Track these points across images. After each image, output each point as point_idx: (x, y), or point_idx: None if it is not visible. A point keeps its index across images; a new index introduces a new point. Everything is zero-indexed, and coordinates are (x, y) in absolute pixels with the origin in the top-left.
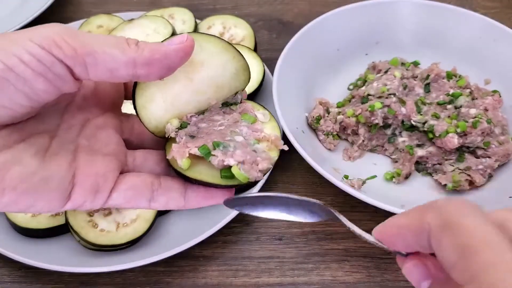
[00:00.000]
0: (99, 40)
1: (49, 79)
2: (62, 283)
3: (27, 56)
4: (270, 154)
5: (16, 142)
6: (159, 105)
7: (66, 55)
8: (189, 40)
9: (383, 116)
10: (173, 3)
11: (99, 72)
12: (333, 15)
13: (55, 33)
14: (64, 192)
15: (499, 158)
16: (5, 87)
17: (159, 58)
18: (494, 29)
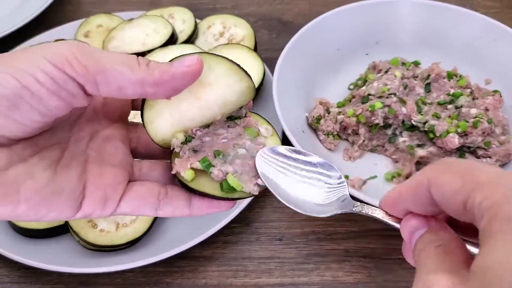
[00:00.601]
0: (111, 58)
1: (62, 96)
2: (62, 284)
3: (41, 75)
4: None
5: (30, 155)
6: (166, 120)
7: (78, 74)
8: (198, 62)
9: (384, 116)
10: (173, 2)
11: (109, 89)
12: (333, 15)
13: (68, 51)
14: (75, 203)
15: (500, 158)
16: (20, 104)
17: (167, 79)
18: (494, 29)
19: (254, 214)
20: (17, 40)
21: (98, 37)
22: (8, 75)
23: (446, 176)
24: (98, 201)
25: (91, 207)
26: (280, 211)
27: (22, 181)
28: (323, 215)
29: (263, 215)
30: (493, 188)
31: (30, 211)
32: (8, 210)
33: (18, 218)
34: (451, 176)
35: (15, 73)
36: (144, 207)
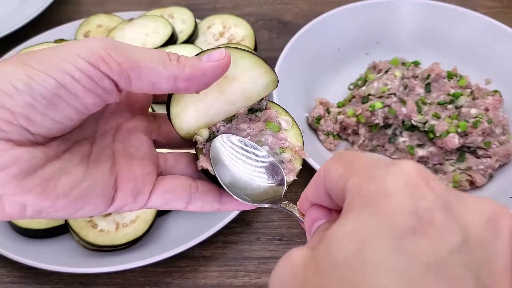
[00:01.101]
0: (143, 55)
1: (98, 93)
2: (62, 284)
3: (77, 73)
4: (294, 165)
5: (63, 152)
6: (191, 115)
7: (112, 71)
8: (226, 57)
9: (384, 116)
10: (173, 2)
11: (142, 85)
12: (333, 15)
13: (101, 47)
14: (108, 196)
15: (500, 158)
16: (57, 103)
17: (199, 74)
18: (494, 29)
19: (254, 214)
20: (17, 40)
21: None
22: (44, 74)
23: (333, 165)
24: (130, 194)
25: (123, 199)
26: (280, 211)
27: (58, 177)
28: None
29: (263, 215)
30: (362, 171)
31: (68, 206)
32: (47, 205)
33: (55, 214)
34: (336, 165)
35: (51, 71)
36: (175, 201)
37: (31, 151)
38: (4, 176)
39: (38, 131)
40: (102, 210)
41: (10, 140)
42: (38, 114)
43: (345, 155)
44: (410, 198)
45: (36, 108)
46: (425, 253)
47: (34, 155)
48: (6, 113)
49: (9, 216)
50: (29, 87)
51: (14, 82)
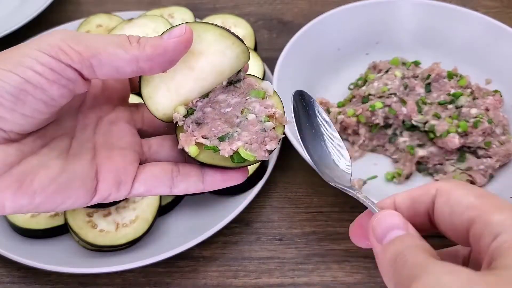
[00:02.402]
0: (102, 41)
1: (63, 84)
2: (61, 284)
3: (39, 66)
4: (277, 133)
5: (39, 147)
6: (164, 94)
7: (73, 60)
8: (187, 31)
9: (384, 116)
10: (173, 2)
11: (105, 71)
12: (333, 15)
13: (60, 40)
14: (90, 188)
15: (500, 158)
16: (24, 98)
17: (161, 53)
18: (495, 29)
19: (254, 214)
20: (17, 40)
21: None
22: (7, 72)
23: (460, 191)
24: (112, 184)
25: (106, 190)
26: (280, 211)
27: (35, 172)
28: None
29: (263, 215)
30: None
31: (47, 200)
32: (25, 202)
33: (36, 209)
34: (465, 191)
35: (14, 68)
36: (158, 186)
37: (5, 149)
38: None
39: (10, 127)
40: (85, 201)
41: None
42: (7, 110)
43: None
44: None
45: (3, 104)
46: None
47: (8, 152)
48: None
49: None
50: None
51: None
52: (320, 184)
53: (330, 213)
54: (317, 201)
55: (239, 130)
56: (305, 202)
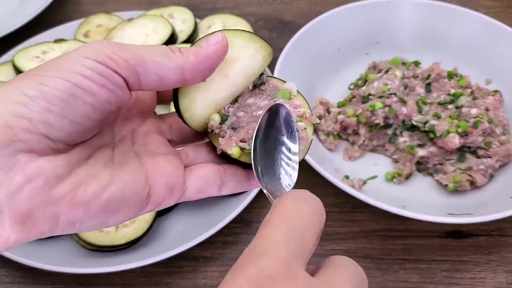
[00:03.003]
0: (147, 50)
1: (110, 89)
2: (61, 284)
3: (88, 71)
4: (307, 133)
5: (86, 158)
6: (199, 105)
7: (120, 67)
8: (224, 38)
9: (384, 116)
10: (173, 2)
11: (150, 81)
12: (333, 15)
13: (106, 48)
14: (142, 196)
15: (500, 158)
16: (75, 103)
17: (203, 60)
18: (495, 29)
19: (254, 214)
20: (17, 40)
21: (97, 37)
22: (55, 78)
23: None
24: (164, 189)
25: (160, 196)
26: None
27: (87, 183)
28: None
29: (263, 215)
30: None
31: (101, 210)
32: (80, 213)
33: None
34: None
35: (62, 75)
36: (210, 186)
37: (54, 160)
38: (30, 190)
39: (59, 136)
40: (138, 211)
41: (31, 150)
42: (56, 117)
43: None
44: None
45: (53, 111)
46: None
47: (58, 164)
48: (23, 121)
49: (40, 233)
50: (42, 92)
51: (27, 91)
52: (320, 184)
53: (330, 213)
54: None
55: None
56: None
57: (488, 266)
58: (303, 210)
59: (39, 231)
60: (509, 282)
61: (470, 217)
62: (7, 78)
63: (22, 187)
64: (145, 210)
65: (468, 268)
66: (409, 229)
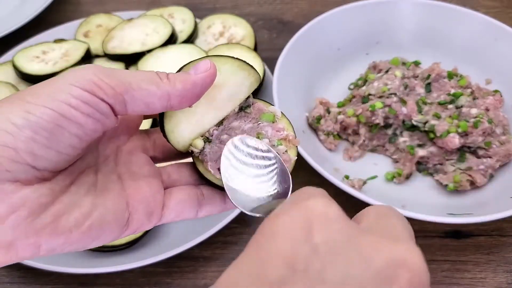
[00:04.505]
0: (134, 77)
1: (97, 118)
2: (61, 284)
3: (74, 100)
4: (290, 156)
5: (68, 185)
6: (185, 128)
7: (107, 95)
8: (212, 66)
9: (384, 116)
10: (173, 2)
11: (136, 107)
12: (333, 15)
13: (93, 74)
14: (122, 221)
15: (500, 158)
16: (59, 133)
17: (190, 88)
18: (495, 29)
19: None
20: (17, 40)
21: (97, 37)
22: (42, 107)
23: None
24: (143, 215)
25: (138, 221)
26: None
27: (69, 211)
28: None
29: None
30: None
31: (83, 237)
32: (61, 241)
33: (70, 247)
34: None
35: (49, 103)
36: (186, 211)
37: (38, 189)
38: (14, 220)
39: (44, 165)
40: (117, 235)
41: (17, 180)
42: (42, 147)
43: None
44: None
45: (39, 141)
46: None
47: (42, 193)
48: (9, 151)
49: (21, 258)
50: (29, 121)
51: (13, 119)
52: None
53: None
54: None
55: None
56: None
57: (488, 266)
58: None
59: (20, 257)
60: (509, 282)
61: (470, 217)
62: (7, 78)
63: (6, 217)
64: (124, 234)
65: (468, 268)
66: None
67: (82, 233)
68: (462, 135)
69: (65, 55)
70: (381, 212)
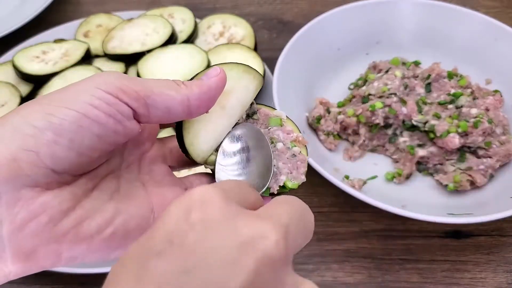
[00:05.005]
0: (155, 83)
1: (118, 119)
2: (61, 284)
3: (96, 101)
4: (304, 155)
5: (91, 189)
6: (202, 139)
7: (131, 98)
8: (222, 71)
9: (384, 116)
10: (173, 2)
11: (159, 112)
12: (333, 15)
13: (116, 79)
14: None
15: (500, 158)
16: (82, 134)
17: (206, 91)
18: (495, 29)
19: None
20: (17, 40)
21: (97, 37)
22: (64, 108)
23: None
24: None
25: None
26: None
27: (91, 217)
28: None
29: None
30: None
31: (104, 244)
32: (83, 248)
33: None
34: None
35: (71, 105)
36: None
37: (59, 194)
38: (35, 226)
39: (65, 168)
40: None
41: (37, 184)
42: (63, 149)
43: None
44: (174, 222)
45: (61, 143)
46: (156, 274)
47: (63, 198)
48: (30, 155)
49: (42, 267)
50: (51, 123)
51: (35, 122)
52: (320, 184)
53: (330, 213)
54: (317, 201)
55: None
56: (305, 202)
57: (488, 266)
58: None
59: (41, 266)
60: (509, 282)
61: (470, 217)
62: (7, 78)
63: (26, 223)
64: None
65: (468, 268)
66: (409, 229)
67: (104, 240)
68: (462, 135)
69: (65, 55)
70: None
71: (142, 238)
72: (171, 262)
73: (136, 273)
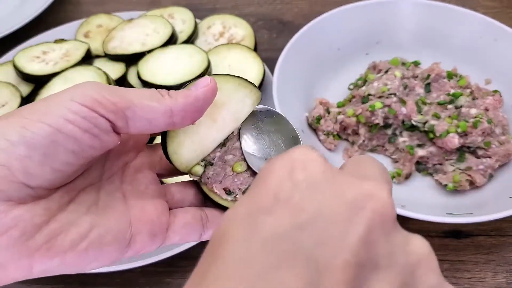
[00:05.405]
0: (136, 94)
1: (95, 133)
2: (62, 284)
3: (71, 115)
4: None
5: (67, 203)
6: (188, 148)
7: (108, 111)
8: (212, 81)
9: (384, 116)
10: (173, 2)
11: (138, 124)
12: (333, 15)
13: (93, 90)
14: (124, 242)
15: (500, 158)
16: (56, 149)
17: (192, 102)
18: (494, 29)
19: None
20: (17, 40)
21: (98, 37)
22: (38, 123)
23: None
24: (147, 236)
25: (141, 243)
26: None
27: (66, 231)
28: None
29: None
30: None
31: (78, 259)
32: (55, 263)
33: (65, 269)
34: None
35: (46, 119)
36: (191, 234)
37: (33, 208)
38: (5, 241)
39: (38, 183)
40: (117, 257)
41: (10, 199)
42: (36, 165)
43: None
44: (278, 180)
45: (34, 159)
46: (267, 230)
47: (36, 212)
48: (3, 169)
49: (13, 280)
50: (24, 137)
51: (8, 135)
52: None
53: None
54: None
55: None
56: None
57: (488, 266)
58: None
59: (12, 278)
60: (508, 282)
61: (470, 217)
62: (7, 78)
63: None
64: (125, 256)
65: (468, 268)
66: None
67: (78, 255)
68: (462, 135)
69: (65, 55)
70: (357, 159)
71: (245, 198)
72: (282, 219)
73: (245, 231)
